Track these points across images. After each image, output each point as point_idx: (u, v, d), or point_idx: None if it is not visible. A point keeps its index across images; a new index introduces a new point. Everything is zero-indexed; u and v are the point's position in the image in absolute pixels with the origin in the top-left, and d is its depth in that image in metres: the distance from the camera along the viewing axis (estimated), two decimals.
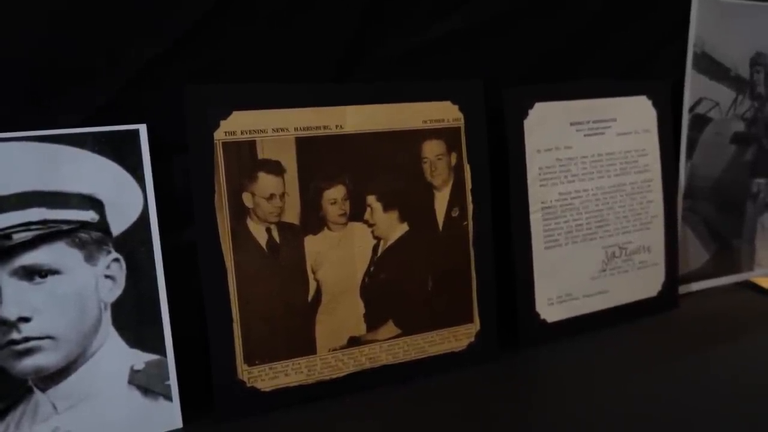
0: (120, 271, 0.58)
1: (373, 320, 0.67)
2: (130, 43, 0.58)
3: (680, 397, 0.66)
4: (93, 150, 0.56)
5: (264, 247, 0.62)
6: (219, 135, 0.59)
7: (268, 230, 0.62)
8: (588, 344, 0.78)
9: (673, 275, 0.85)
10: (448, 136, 0.68)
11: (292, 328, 0.64)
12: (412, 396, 0.67)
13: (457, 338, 0.70)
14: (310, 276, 0.64)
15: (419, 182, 0.67)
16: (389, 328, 0.68)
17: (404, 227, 0.67)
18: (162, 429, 0.60)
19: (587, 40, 0.81)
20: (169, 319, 0.60)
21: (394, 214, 0.67)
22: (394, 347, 0.68)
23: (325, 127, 0.63)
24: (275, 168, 0.62)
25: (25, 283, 0.55)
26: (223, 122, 0.59)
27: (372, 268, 0.66)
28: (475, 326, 0.72)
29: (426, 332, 0.69)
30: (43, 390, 0.56)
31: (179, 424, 0.60)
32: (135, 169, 0.57)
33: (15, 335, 0.55)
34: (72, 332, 0.56)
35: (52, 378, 0.56)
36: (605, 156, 0.79)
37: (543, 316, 0.77)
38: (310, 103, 0.63)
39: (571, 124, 0.77)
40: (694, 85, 0.87)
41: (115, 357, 0.58)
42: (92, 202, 0.57)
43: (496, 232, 0.73)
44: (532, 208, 0.75)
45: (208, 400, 0.62)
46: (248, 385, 0.62)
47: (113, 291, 0.58)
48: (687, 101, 0.87)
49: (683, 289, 0.90)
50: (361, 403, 0.66)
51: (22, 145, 0.54)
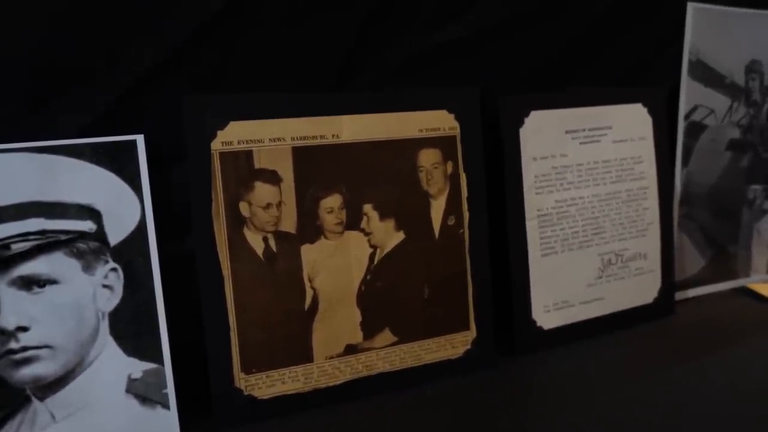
0: (118, 281, 0.58)
1: (370, 328, 0.67)
2: (128, 53, 0.59)
3: (677, 404, 0.66)
4: (91, 160, 0.56)
5: (261, 256, 0.62)
6: (216, 145, 0.59)
7: (265, 239, 0.62)
8: (584, 351, 0.78)
9: (670, 282, 0.85)
10: (444, 144, 0.69)
11: (288, 336, 0.64)
12: (409, 403, 0.67)
13: (454, 345, 0.71)
14: (307, 284, 0.64)
15: (415, 191, 0.68)
16: (386, 336, 0.68)
17: (400, 236, 0.68)
18: None
19: (582, 49, 0.82)
20: (166, 328, 0.60)
21: (391, 223, 0.67)
22: (390, 355, 0.68)
23: (321, 137, 0.63)
24: (272, 177, 0.62)
25: (23, 293, 0.55)
26: (220, 132, 0.60)
27: (368, 277, 0.67)
28: (472, 333, 0.72)
29: (422, 340, 0.69)
30: (41, 399, 0.56)
31: None
32: (132, 179, 0.58)
33: (13, 344, 0.55)
34: (70, 341, 0.57)
35: (50, 387, 0.57)
36: (601, 163, 0.79)
37: (539, 323, 0.77)
38: (307, 113, 0.63)
39: (567, 132, 0.77)
40: (690, 93, 0.88)
41: (113, 366, 0.58)
42: (90, 212, 0.57)
43: (493, 240, 0.73)
44: (528, 216, 0.75)
45: (206, 408, 0.62)
46: (245, 393, 0.62)
47: (111, 300, 0.58)
48: (682, 109, 0.88)
49: (680, 296, 0.90)
50: (358, 411, 0.65)
51: (21, 156, 0.54)
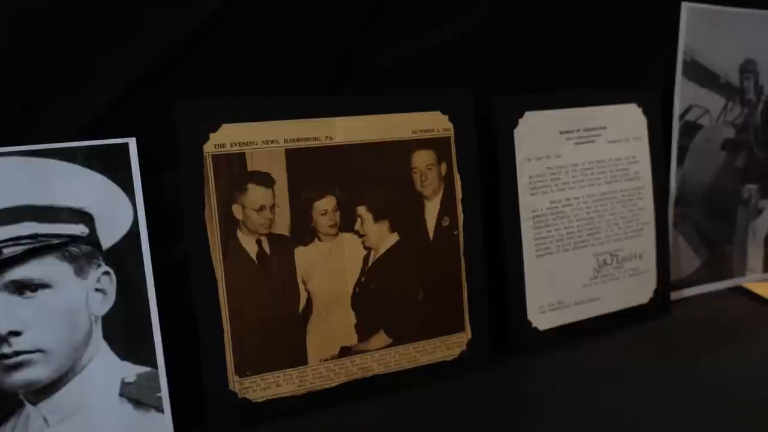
0: (110, 284, 0.58)
1: (365, 330, 0.67)
2: (120, 57, 0.59)
3: (673, 404, 0.67)
4: (83, 164, 0.56)
5: (254, 259, 0.62)
6: (208, 148, 0.59)
7: (259, 242, 0.62)
8: (580, 352, 0.78)
9: (665, 282, 0.86)
10: (437, 146, 0.69)
11: (283, 338, 0.64)
12: (404, 405, 0.67)
13: (449, 347, 0.71)
14: (301, 287, 0.64)
15: (409, 192, 0.68)
16: (381, 338, 0.68)
17: (394, 237, 0.68)
18: None
19: (577, 49, 0.82)
20: (160, 332, 0.60)
21: (385, 225, 0.67)
22: (385, 357, 0.68)
23: (314, 139, 0.64)
24: (265, 180, 0.62)
25: (15, 297, 0.55)
26: (212, 135, 0.60)
27: (363, 279, 0.67)
28: (467, 335, 0.72)
29: (417, 341, 0.70)
30: (34, 403, 0.56)
31: None
32: (125, 183, 0.58)
33: (5, 349, 0.55)
34: (62, 345, 0.57)
35: (43, 391, 0.57)
36: (596, 164, 0.80)
37: (535, 324, 0.77)
38: (300, 115, 0.63)
39: (561, 133, 0.78)
40: (684, 93, 0.88)
41: (106, 369, 0.58)
42: (82, 216, 0.57)
43: (487, 241, 0.73)
44: (522, 217, 0.76)
45: (200, 411, 0.62)
46: (240, 397, 0.62)
47: (104, 304, 0.58)
48: (677, 108, 0.88)
49: (675, 296, 0.91)
50: (354, 414, 0.66)
51: (12, 160, 0.54)
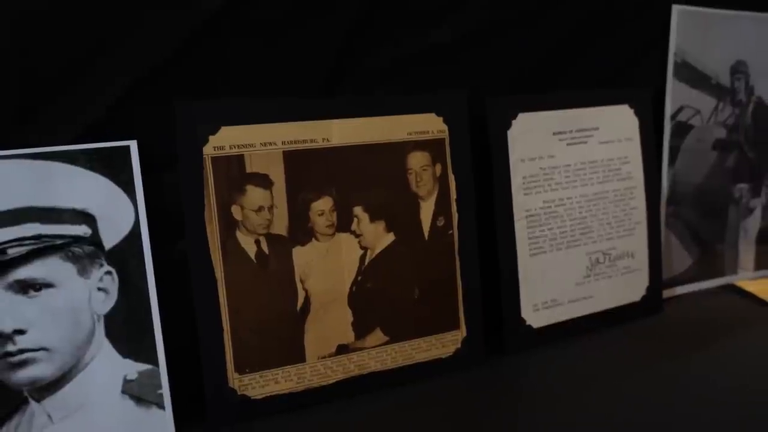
0: (112, 284, 0.59)
1: (361, 328, 0.68)
2: (120, 60, 0.60)
3: (665, 401, 0.67)
4: (85, 166, 0.57)
5: (253, 259, 0.63)
6: (208, 150, 0.60)
7: (257, 242, 0.63)
8: (573, 349, 0.79)
9: (657, 280, 0.86)
10: (432, 147, 0.70)
11: (281, 336, 0.65)
12: (400, 402, 0.68)
13: (444, 345, 0.72)
14: (299, 286, 0.65)
15: (405, 193, 0.69)
16: (377, 336, 0.69)
17: (390, 237, 0.69)
18: None
19: (569, 50, 0.83)
20: (161, 330, 0.61)
21: (381, 225, 0.68)
22: (382, 354, 0.69)
23: (312, 141, 0.64)
24: (263, 181, 0.63)
25: (20, 297, 0.56)
26: (211, 137, 0.61)
27: (359, 278, 0.68)
28: (462, 333, 0.73)
29: (413, 339, 0.70)
30: (38, 400, 0.57)
31: None
32: (126, 184, 0.58)
33: (10, 347, 0.56)
34: (66, 344, 0.58)
35: (47, 388, 0.57)
36: (588, 164, 0.80)
37: (528, 322, 0.78)
38: (297, 117, 0.64)
39: (554, 134, 0.78)
40: (676, 94, 0.89)
41: (109, 367, 0.59)
42: (85, 217, 0.58)
43: (482, 240, 0.74)
44: (516, 216, 0.76)
45: (200, 408, 0.63)
46: (239, 393, 0.63)
47: (106, 303, 0.59)
48: (668, 109, 0.89)
49: (667, 294, 0.91)
50: (351, 410, 0.66)
51: (16, 163, 0.55)
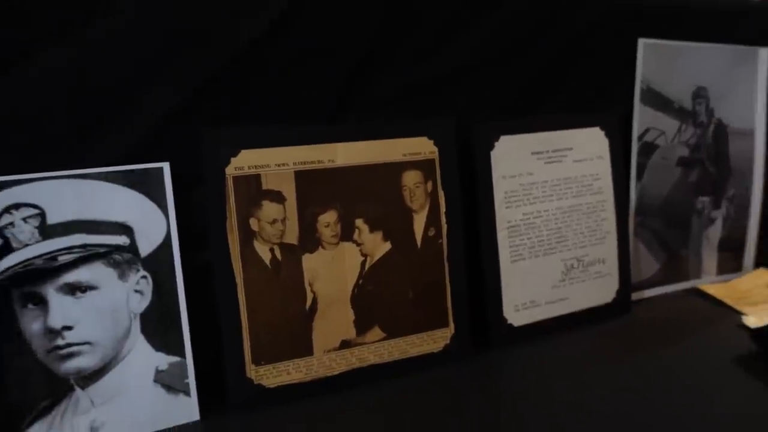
0: (147, 286, 0.63)
1: (362, 326, 0.71)
2: (156, 93, 0.65)
3: (632, 392, 0.70)
4: (125, 185, 0.62)
5: (268, 265, 0.67)
6: (230, 170, 0.64)
7: (272, 250, 0.67)
8: (550, 345, 0.81)
9: (626, 283, 0.88)
10: (424, 166, 0.73)
11: (292, 333, 0.68)
12: (396, 391, 0.70)
13: (435, 341, 0.75)
14: (308, 288, 0.68)
15: (400, 207, 0.72)
16: (376, 333, 0.72)
17: (387, 246, 0.72)
18: (182, 421, 0.64)
19: (546, 81, 0.86)
20: (188, 327, 0.64)
21: (379, 235, 0.72)
22: (380, 349, 0.72)
23: (319, 162, 0.68)
24: (277, 197, 0.67)
25: (68, 297, 0.60)
26: (233, 159, 0.65)
27: (360, 281, 0.71)
28: (450, 330, 0.76)
29: (407, 336, 0.73)
30: (83, 388, 0.61)
31: (197, 417, 0.65)
32: (160, 201, 0.63)
33: (60, 341, 0.60)
34: (107, 338, 0.61)
35: (90, 377, 0.61)
36: (563, 180, 0.83)
37: (510, 321, 0.80)
38: (306, 142, 0.68)
39: (533, 154, 0.81)
40: (642, 117, 0.91)
41: (143, 359, 0.63)
42: (124, 229, 0.62)
43: (468, 249, 0.76)
44: (499, 227, 0.79)
45: (221, 396, 0.66)
46: (255, 383, 0.66)
47: (141, 303, 0.63)
48: (636, 131, 0.91)
49: (636, 296, 0.92)
50: (353, 398, 0.69)
51: (66, 182, 0.59)
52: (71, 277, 0.60)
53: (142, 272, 0.63)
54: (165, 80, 0.65)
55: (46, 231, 0.59)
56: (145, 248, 0.63)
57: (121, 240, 0.62)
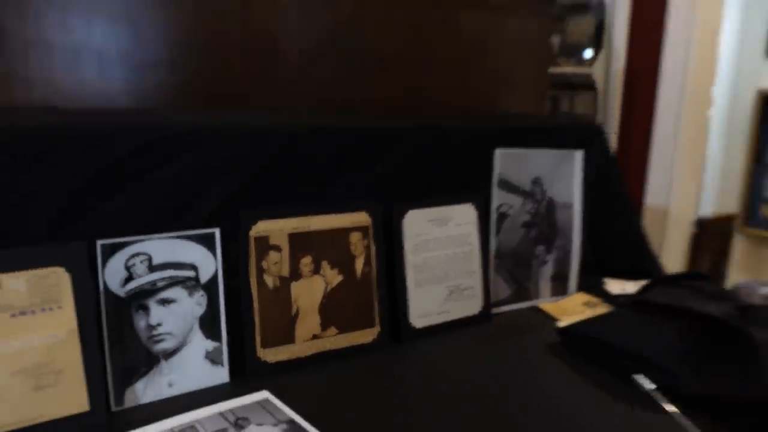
0: (203, 301, 0.88)
1: (324, 326, 0.96)
2: (212, 197, 0.96)
3: (489, 368, 0.92)
4: (195, 241, 0.87)
5: (271, 288, 0.93)
6: (252, 233, 0.94)
7: (274, 280, 0.94)
8: (440, 341, 1.03)
9: (487, 302, 1.12)
10: (363, 230, 1.00)
11: (284, 329, 0.92)
12: (344, 366, 0.94)
13: (365, 336, 1.00)
14: (294, 303, 0.94)
15: (348, 254, 0.99)
16: (332, 330, 0.97)
17: (340, 277, 0.98)
18: (218, 382, 0.88)
19: (438, 177, 1.15)
20: (225, 325, 0.89)
21: (336, 270, 0.98)
22: (336, 340, 0.97)
23: (303, 227, 0.97)
24: (277, 248, 0.93)
25: (160, 307, 0.85)
26: (253, 226, 0.93)
27: (324, 299, 0.97)
28: (377, 329, 1.01)
29: (351, 332, 0.98)
30: (165, 360, 0.86)
31: (227, 380, 0.89)
32: (214, 250, 0.89)
33: (154, 333, 0.85)
34: (180, 331, 0.86)
35: (169, 354, 0.85)
36: (448, 237, 1.09)
37: (414, 324, 1.04)
38: (295, 215, 0.95)
39: (429, 221, 1.06)
40: (498, 197, 1.16)
41: (198, 344, 0.87)
42: (192, 267, 0.87)
43: (388, 279, 1.01)
44: (407, 266, 1.03)
45: (242, 368, 0.89)
46: (262, 360, 0.91)
47: (200, 310, 0.87)
48: (494, 205, 1.16)
49: (495, 310, 1.14)
50: (319, 371, 0.92)
51: (165, 240, 0.86)
52: (163, 295, 0.85)
53: (201, 292, 0.88)
54: (222, 186, 0.98)
55: (152, 268, 0.86)
56: (203, 278, 0.88)
57: (191, 273, 0.88)
